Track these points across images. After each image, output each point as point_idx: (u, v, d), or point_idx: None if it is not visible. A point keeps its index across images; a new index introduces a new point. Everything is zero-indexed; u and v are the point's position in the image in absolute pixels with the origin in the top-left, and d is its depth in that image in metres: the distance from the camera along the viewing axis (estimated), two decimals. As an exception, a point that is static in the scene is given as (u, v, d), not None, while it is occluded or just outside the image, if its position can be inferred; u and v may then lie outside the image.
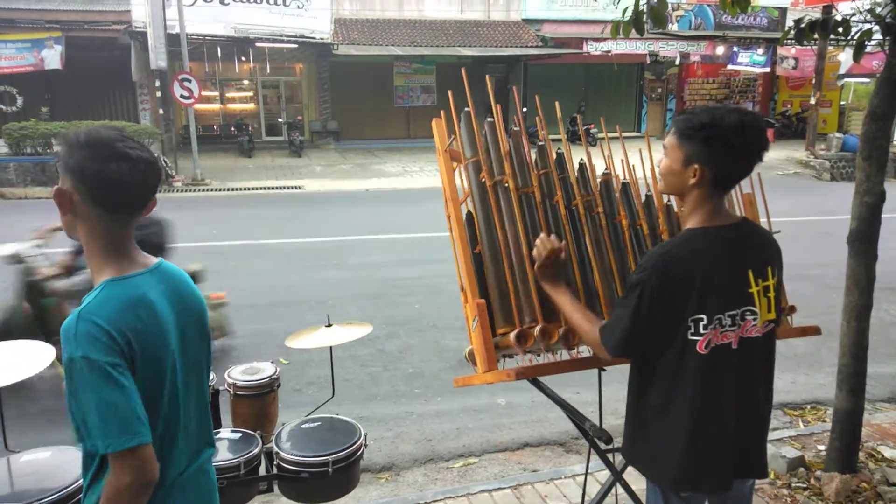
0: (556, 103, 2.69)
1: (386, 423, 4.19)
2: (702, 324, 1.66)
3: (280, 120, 20.16)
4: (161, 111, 16.30)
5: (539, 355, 2.31)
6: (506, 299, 2.21)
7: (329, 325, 2.75)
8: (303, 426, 2.46)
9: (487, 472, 3.67)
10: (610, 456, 2.45)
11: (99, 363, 1.27)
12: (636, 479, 2.82)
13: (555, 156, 2.50)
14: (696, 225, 1.73)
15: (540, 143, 2.47)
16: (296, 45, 17.84)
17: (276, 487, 2.31)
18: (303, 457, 2.22)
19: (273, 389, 2.68)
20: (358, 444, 2.33)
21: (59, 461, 2.05)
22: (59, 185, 1.37)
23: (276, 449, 2.28)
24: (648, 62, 21.41)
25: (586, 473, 2.54)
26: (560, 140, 2.57)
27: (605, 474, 2.72)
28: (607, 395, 2.45)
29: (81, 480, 1.97)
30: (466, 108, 2.45)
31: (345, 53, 18.17)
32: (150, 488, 1.33)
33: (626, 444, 1.91)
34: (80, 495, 1.94)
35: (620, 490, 2.50)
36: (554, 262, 1.93)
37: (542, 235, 2.00)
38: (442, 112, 2.48)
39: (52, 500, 1.83)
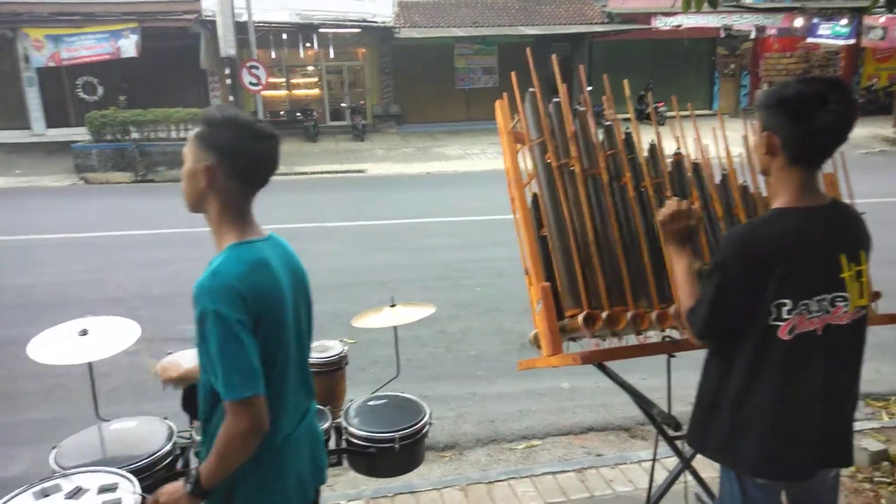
0: (625, 82, 2.61)
1: (448, 403, 4.24)
2: (785, 309, 1.59)
3: (343, 105, 20.44)
4: (231, 98, 16.81)
5: (605, 340, 2.28)
6: (572, 282, 2.19)
7: (393, 306, 2.80)
8: (370, 403, 2.53)
9: (551, 454, 3.67)
10: (678, 443, 2.40)
11: (228, 319, 1.39)
12: (705, 467, 2.76)
13: (623, 136, 2.44)
14: (783, 205, 1.65)
15: (607, 123, 2.42)
16: (358, 30, 18.01)
17: (345, 461, 2.38)
18: (370, 432, 2.29)
19: (341, 367, 2.76)
20: (423, 422, 2.37)
21: (145, 430, 2.19)
22: (203, 162, 1.48)
23: (344, 424, 2.35)
24: (722, 36, 20.48)
25: (654, 459, 2.50)
26: (628, 119, 2.50)
27: (672, 461, 2.67)
28: (675, 381, 2.40)
29: (165, 449, 2.10)
30: (531, 89, 2.42)
31: (406, 37, 18.21)
32: (261, 437, 1.45)
33: (697, 430, 1.85)
34: (165, 461, 2.07)
35: (689, 477, 2.45)
36: (686, 227, 1.84)
37: (674, 198, 1.92)
38: (505, 94, 2.46)
39: (139, 466, 1.95)
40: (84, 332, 2.14)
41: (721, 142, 2.50)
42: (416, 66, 19.93)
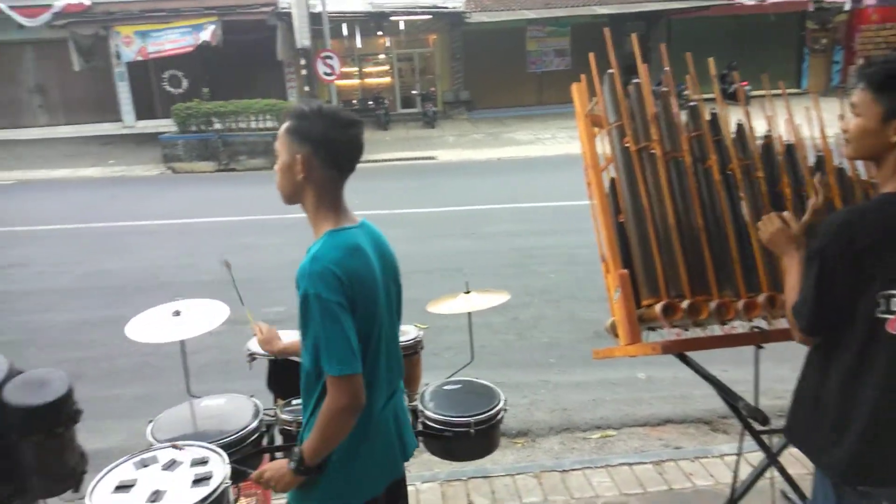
0: (711, 60, 2.50)
1: (521, 390, 4.23)
2: (894, 300, 1.48)
3: (414, 92, 20.58)
4: (306, 88, 17.25)
5: (686, 329, 2.21)
6: (651, 270, 2.12)
7: (468, 292, 2.80)
8: (445, 387, 2.55)
9: (626, 445, 3.60)
10: (765, 438, 2.30)
11: (328, 301, 1.46)
12: (792, 464, 2.64)
13: (708, 117, 2.34)
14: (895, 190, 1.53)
15: (691, 104, 2.32)
16: (429, 17, 18.03)
17: (421, 443, 2.42)
18: (447, 416, 2.31)
19: (417, 351, 2.80)
20: (498, 407, 2.37)
21: (234, 407, 2.29)
22: (298, 154, 1.55)
23: (420, 407, 2.39)
24: (811, 10, 19.24)
25: (739, 454, 2.41)
26: (710, 100, 2.39)
27: (756, 456, 2.57)
28: (760, 373, 2.29)
29: (252, 425, 2.20)
30: (610, 70, 2.35)
31: (477, 21, 18.09)
32: (359, 413, 1.54)
33: (795, 427, 1.75)
34: (252, 438, 2.17)
35: (775, 473, 2.35)
36: (792, 237, 1.77)
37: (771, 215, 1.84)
38: (582, 76, 2.40)
39: (228, 441, 2.05)
40: (177, 313, 2.27)
41: (814, 122, 2.35)
42: (487, 51, 19.78)
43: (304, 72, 16.48)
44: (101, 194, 12.23)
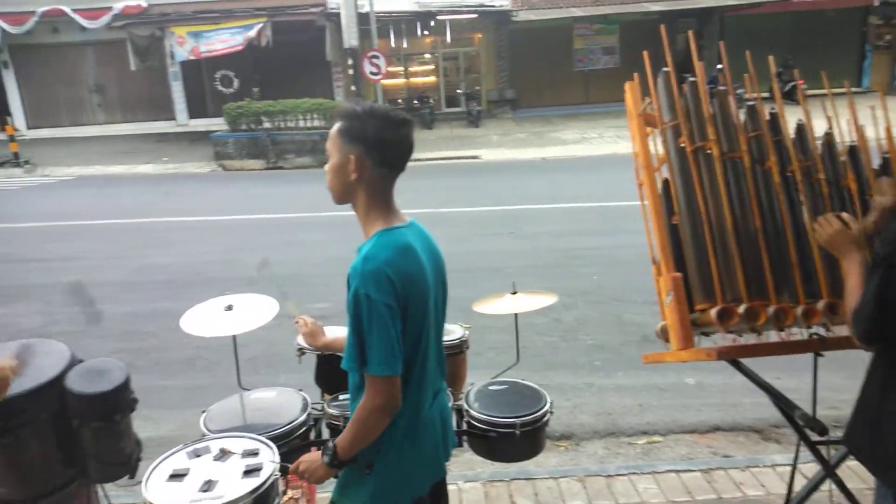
0: (771, 58, 2.42)
1: (565, 392, 4.18)
2: None
3: (459, 91, 20.59)
4: (353, 87, 17.44)
5: (741, 335, 2.14)
6: (706, 274, 2.07)
7: (514, 293, 2.78)
8: (490, 388, 2.54)
9: (673, 452, 3.52)
10: (822, 449, 2.22)
11: (377, 302, 1.47)
12: (850, 477, 2.54)
13: (767, 116, 2.26)
14: None
15: (750, 103, 2.25)
16: (475, 15, 18.01)
17: (465, 443, 2.42)
18: (492, 416, 2.30)
19: (462, 351, 2.80)
20: (544, 410, 2.35)
21: (283, 400, 2.33)
22: (350, 154, 1.56)
23: (465, 407, 2.38)
24: (876, 4, 18.46)
25: (794, 465, 2.33)
26: (766, 99, 2.31)
27: (811, 467, 2.48)
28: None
29: (300, 419, 2.23)
30: (665, 68, 2.30)
31: (524, 19, 17.98)
32: (393, 413, 1.55)
33: (857, 438, 1.68)
34: (300, 431, 2.20)
35: (832, 486, 2.26)
36: (851, 238, 1.71)
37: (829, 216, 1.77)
38: (635, 74, 2.35)
39: (277, 434, 2.09)
40: (229, 308, 2.31)
41: (880, 122, 2.25)
42: (533, 50, 19.65)
43: (350, 71, 16.66)
44: (154, 190, 12.63)
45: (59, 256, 7.89)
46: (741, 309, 1.98)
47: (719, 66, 2.31)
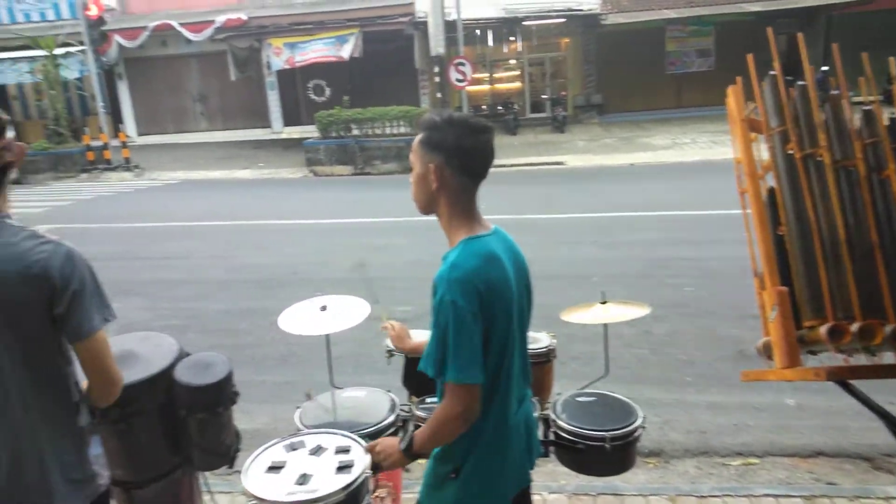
0: (892, 59, 2.25)
1: (654, 407, 4.03)
2: None
3: (544, 96, 20.43)
4: (438, 95, 17.68)
5: (851, 355, 2.00)
6: (815, 289, 1.95)
7: (604, 302, 2.72)
8: (578, 399, 2.49)
9: (771, 475, 3.32)
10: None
11: (462, 309, 1.49)
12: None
13: (886, 122, 2.11)
14: None
15: (866, 108, 2.10)
16: (563, 20, 17.83)
17: (551, 453, 2.38)
18: (581, 428, 2.26)
19: (549, 360, 2.76)
20: (636, 424, 2.28)
21: (373, 400, 2.39)
22: (432, 164, 1.59)
23: (553, 417, 2.35)
24: None
25: (913, 499, 2.14)
26: (887, 102, 2.15)
27: (933, 504, 2.27)
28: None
29: (389, 420, 2.28)
30: (772, 72, 2.19)
31: (613, 23, 17.62)
32: (471, 422, 1.56)
33: None
34: (388, 431, 2.24)
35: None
36: None
37: None
38: (738, 78, 2.25)
39: (368, 433, 2.14)
40: (324, 308, 2.39)
41: None
42: (622, 53, 19.20)
43: (437, 79, 16.91)
44: (250, 194, 13.29)
45: (164, 255, 8.44)
46: (854, 327, 1.85)
47: (824, 69, 2.18)
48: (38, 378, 1.53)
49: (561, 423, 2.30)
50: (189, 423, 2.03)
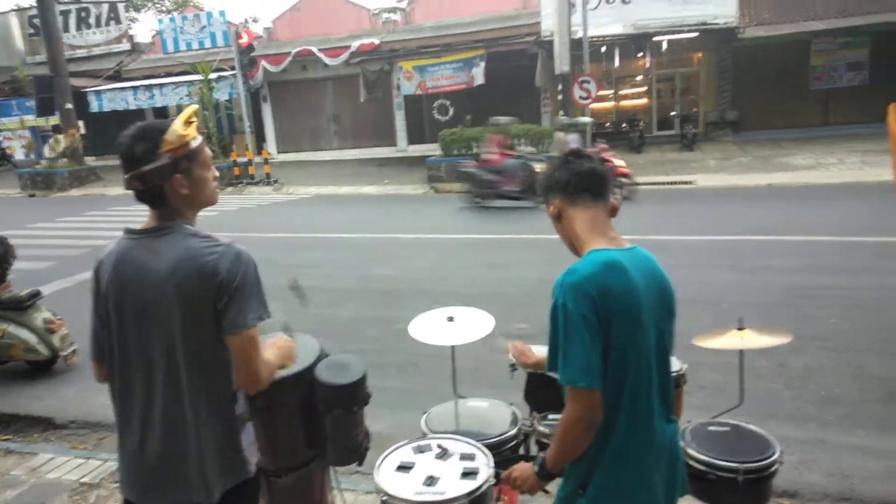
0: None
1: (789, 445, 3.73)
2: None
3: (673, 113, 19.67)
4: (561, 112, 17.55)
5: None
6: None
7: (741, 329, 2.60)
8: (709, 427, 2.40)
9: (930, 532, 2.99)
10: None
11: (573, 312, 1.55)
12: None
13: None
14: None
15: None
16: (695, 34, 17.14)
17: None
18: (711, 458, 2.17)
19: (679, 385, 2.66)
20: (773, 458, 2.16)
21: (495, 412, 2.44)
22: (551, 205, 1.77)
23: (682, 444, 2.27)
24: None
25: None
26: None
27: None
28: None
29: (511, 432, 2.31)
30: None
31: (752, 36, 16.67)
32: (594, 429, 1.57)
33: None
34: (511, 444, 2.28)
35: None
36: None
37: None
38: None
39: (491, 443, 2.19)
40: (451, 319, 2.48)
41: None
42: (760, 68, 18.12)
43: (560, 97, 16.81)
44: (376, 209, 13.88)
45: (299, 263, 9.01)
46: None
47: None
48: (205, 367, 1.71)
49: (691, 451, 2.22)
50: (325, 420, 2.18)
